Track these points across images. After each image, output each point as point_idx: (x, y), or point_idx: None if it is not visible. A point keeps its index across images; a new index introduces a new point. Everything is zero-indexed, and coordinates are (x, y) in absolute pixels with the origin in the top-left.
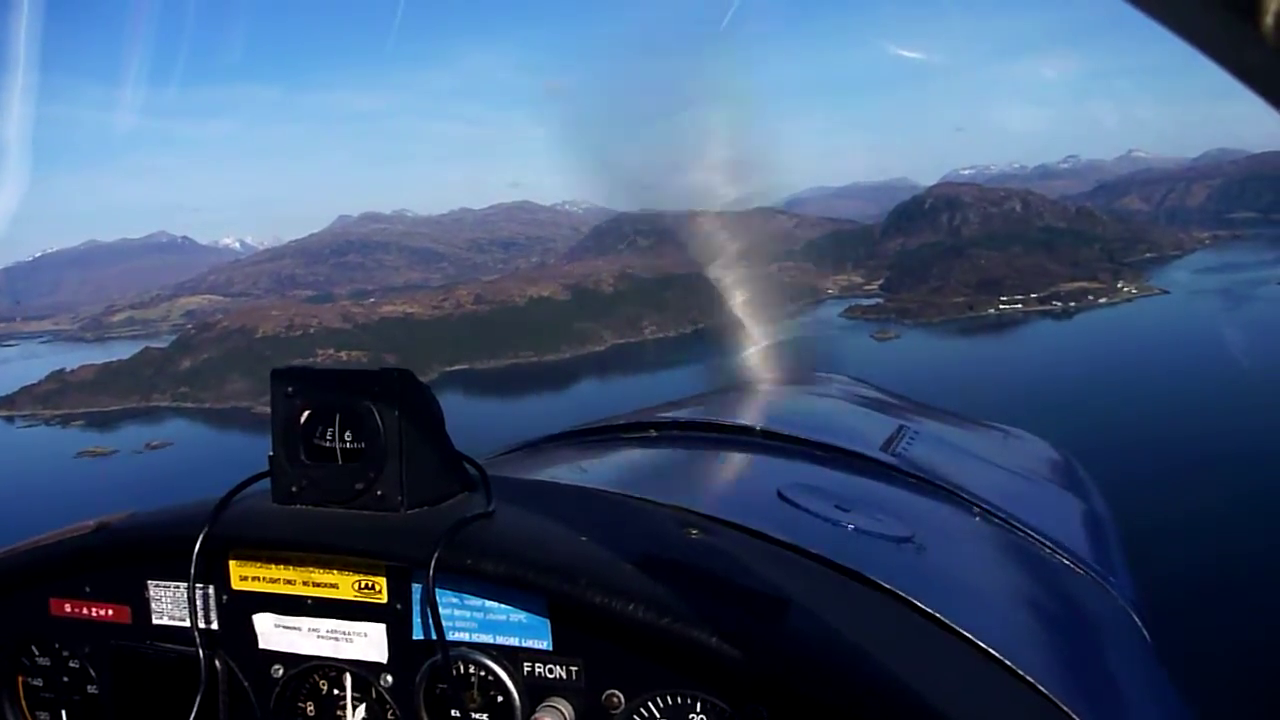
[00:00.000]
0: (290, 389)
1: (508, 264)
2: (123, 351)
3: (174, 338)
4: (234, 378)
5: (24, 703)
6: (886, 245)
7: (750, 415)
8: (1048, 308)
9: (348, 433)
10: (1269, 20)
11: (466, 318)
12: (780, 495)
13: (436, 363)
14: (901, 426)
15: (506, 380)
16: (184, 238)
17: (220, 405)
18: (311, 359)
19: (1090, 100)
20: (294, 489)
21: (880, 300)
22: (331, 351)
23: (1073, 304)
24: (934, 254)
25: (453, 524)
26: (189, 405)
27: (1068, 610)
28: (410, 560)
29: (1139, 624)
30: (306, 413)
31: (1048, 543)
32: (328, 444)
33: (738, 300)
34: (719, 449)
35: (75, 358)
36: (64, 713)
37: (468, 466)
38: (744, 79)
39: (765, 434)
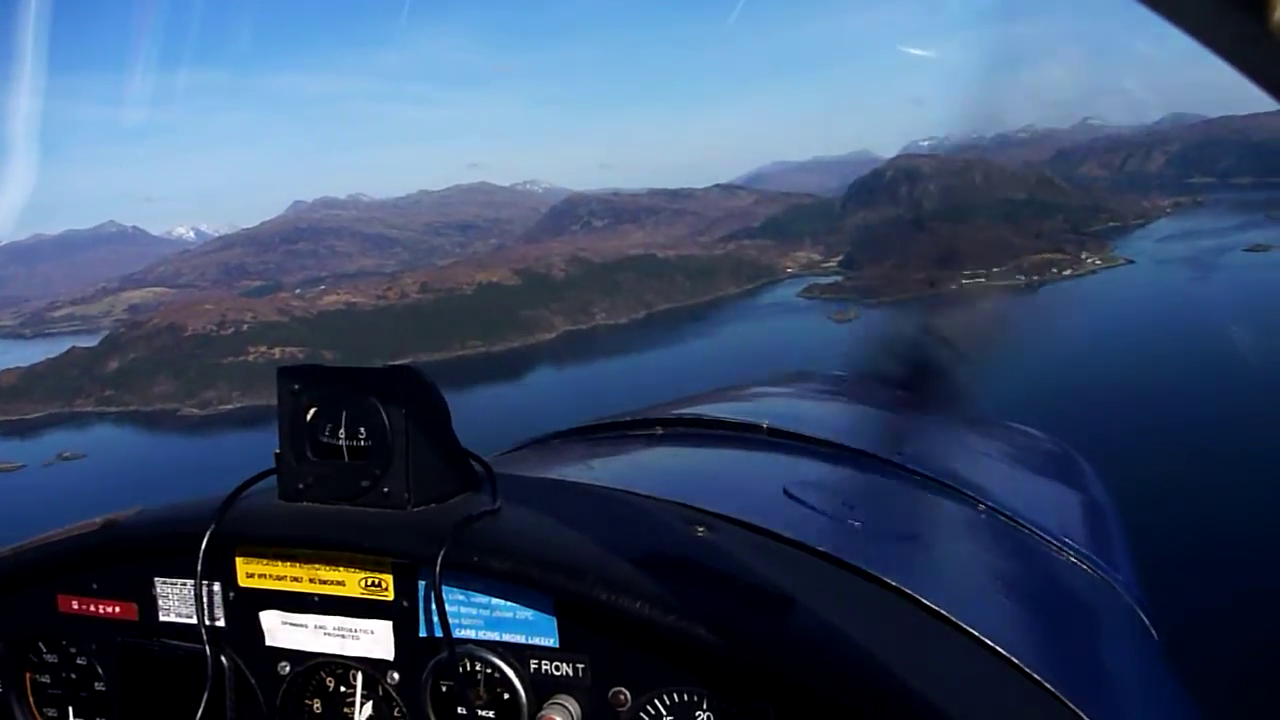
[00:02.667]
0: (296, 386)
1: (465, 247)
2: (60, 350)
3: (106, 335)
4: (161, 378)
5: (31, 699)
6: (846, 220)
7: (756, 413)
8: (1012, 282)
9: (354, 430)
10: (1277, 17)
11: (411, 308)
12: (786, 493)
13: (378, 357)
14: (907, 424)
15: (453, 373)
16: (134, 228)
17: (146, 408)
18: (243, 357)
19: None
20: (300, 486)
21: (839, 279)
22: (264, 349)
23: (1036, 277)
24: (894, 228)
25: (459, 521)
26: (113, 410)
27: (1074, 607)
28: (416, 557)
29: (1145, 620)
30: (313, 410)
31: (1053, 539)
32: (334, 441)
33: None
34: (725, 446)
35: (12, 357)
36: (71, 709)
37: (474, 464)
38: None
39: (771, 431)
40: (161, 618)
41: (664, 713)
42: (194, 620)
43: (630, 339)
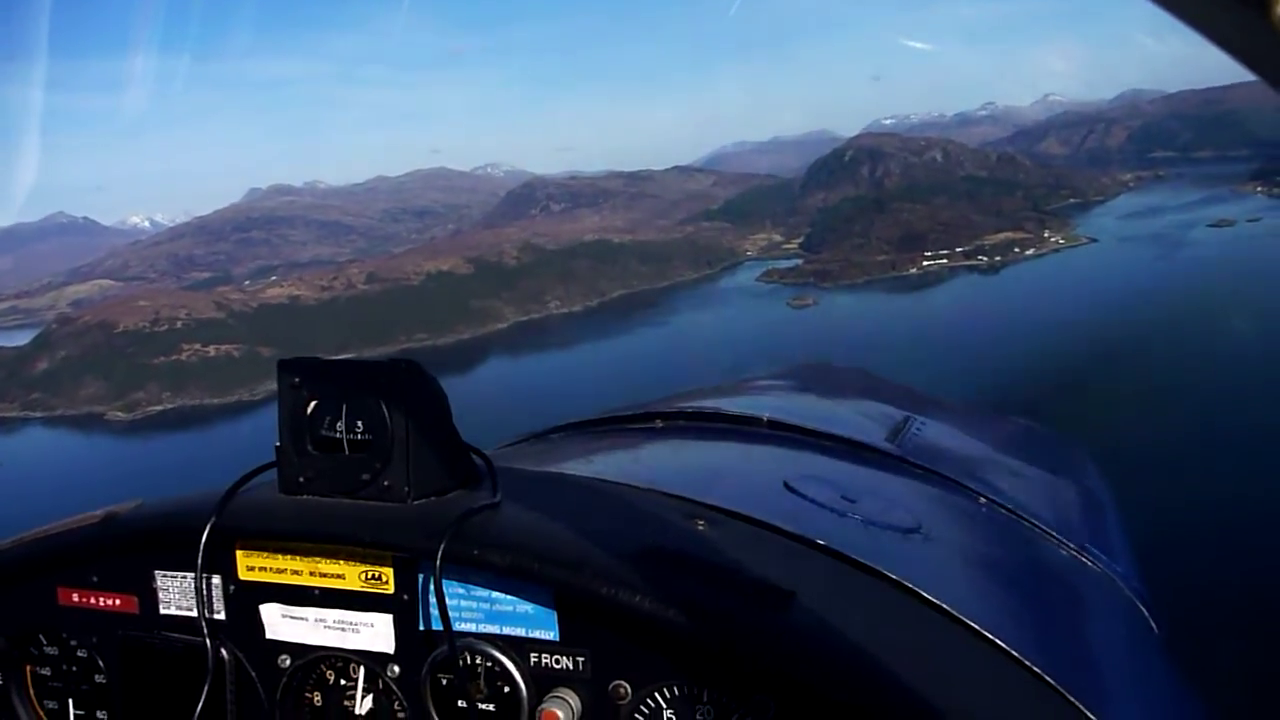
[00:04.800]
0: (296, 379)
1: (423, 233)
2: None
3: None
4: (90, 380)
5: (32, 692)
6: (807, 201)
7: (757, 406)
8: (974, 262)
9: (354, 424)
10: (1279, 9)
11: (356, 300)
12: (787, 486)
13: (319, 352)
14: (907, 417)
15: None
16: (85, 218)
17: (73, 412)
18: (175, 355)
19: (1007, 45)
20: (301, 479)
21: (799, 262)
22: (198, 346)
23: (999, 257)
24: (855, 209)
25: (459, 515)
26: (39, 415)
27: (1075, 600)
28: (417, 551)
29: (1146, 614)
30: (313, 404)
31: (1053, 532)
32: (334, 435)
33: None
34: (726, 440)
35: None
36: (71, 702)
37: (474, 457)
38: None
39: (772, 425)
40: (162, 610)
41: (664, 706)
42: (194, 613)
43: (584, 328)
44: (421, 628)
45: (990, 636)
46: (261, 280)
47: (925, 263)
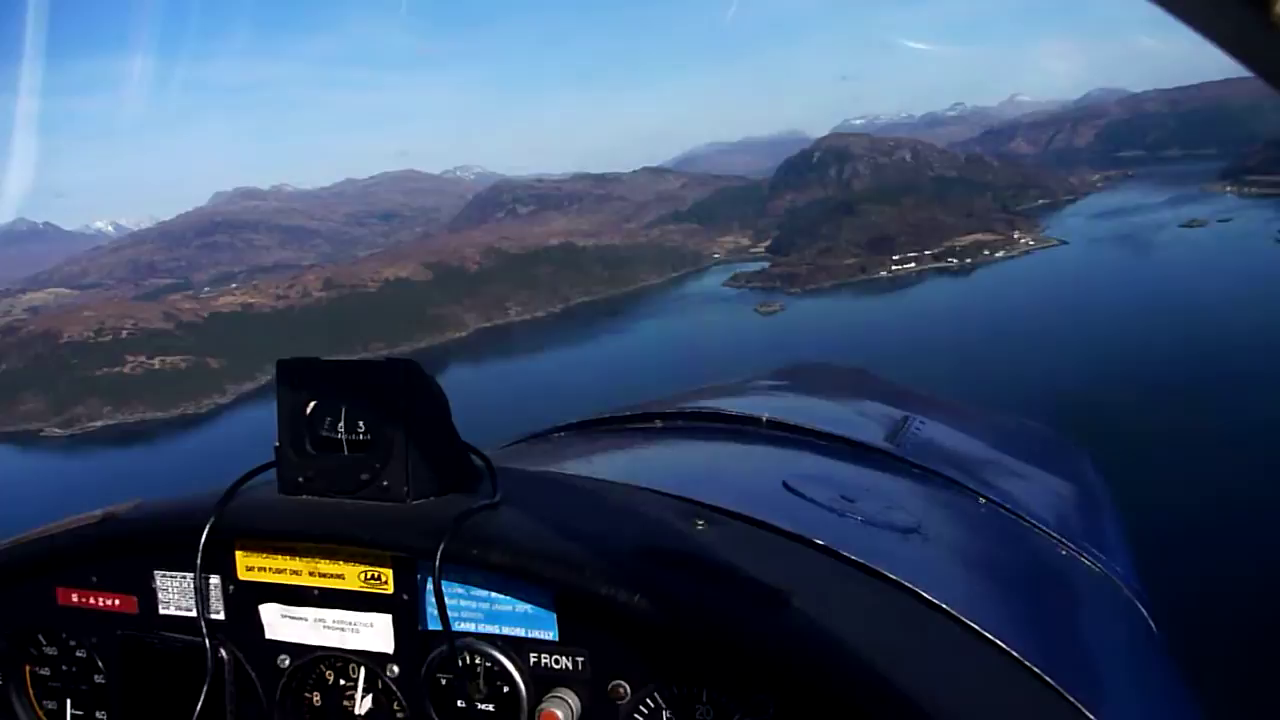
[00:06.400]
0: (296, 380)
1: (389, 237)
2: None
3: None
4: (29, 395)
5: (31, 692)
6: (776, 202)
7: (756, 406)
8: (943, 265)
9: (354, 424)
10: (1278, 9)
11: (311, 308)
12: (786, 486)
13: (268, 362)
14: (907, 417)
15: None
16: (46, 224)
17: (9, 428)
18: (119, 368)
19: (975, 45)
20: (300, 479)
21: (766, 265)
22: (143, 358)
23: (969, 260)
24: (823, 211)
25: (458, 515)
26: None
27: (1073, 600)
28: (416, 551)
29: (1145, 614)
30: (312, 404)
31: (1052, 532)
32: (334, 435)
33: None
34: (725, 440)
35: None
36: (70, 702)
37: (473, 457)
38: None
39: (771, 425)
40: (161, 611)
41: (663, 706)
42: (194, 613)
43: (547, 335)
44: (421, 628)
45: (989, 636)
46: (221, 287)
47: (894, 266)
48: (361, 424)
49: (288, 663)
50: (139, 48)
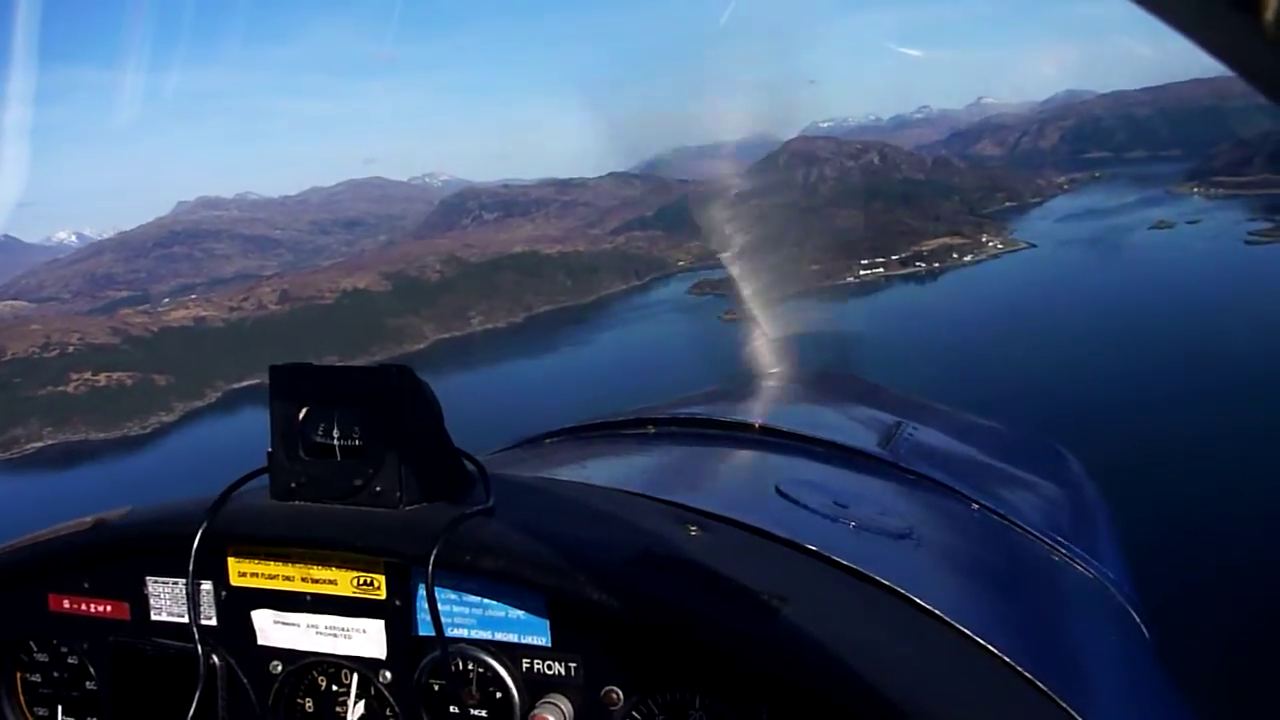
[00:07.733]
0: (288, 385)
1: (353, 245)
2: None
3: None
4: None
5: (22, 699)
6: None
7: (749, 412)
8: (911, 270)
9: (346, 429)
10: (1270, 16)
11: (264, 321)
12: (779, 492)
13: (221, 379)
14: (900, 423)
15: None
16: (5, 236)
17: None
18: (62, 386)
19: (941, 48)
20: (292, 485)
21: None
22: (88, 375)
23: (936, 264)
24: (789, 215)
25: (451, 520)
26: None
27: (1066, 605)
28: (409, 556)
29: (1137, 620)
30: (305, 410)
31: (1045, 537)
32: (326, 441)
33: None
34: (718, 445)
35: None
36: (61, 709)
37: (466, 463)
38: None
39: (764, 430)
40: (153, 617)
41: (656, 712)
42: (186, 619)
43: (509, 346)
44: (413, 633)
45: (982, 641)
46: (179, 299)
47: (862, 271)
48: (354, 430)
49: (280, 669)
50: (108, 57)
